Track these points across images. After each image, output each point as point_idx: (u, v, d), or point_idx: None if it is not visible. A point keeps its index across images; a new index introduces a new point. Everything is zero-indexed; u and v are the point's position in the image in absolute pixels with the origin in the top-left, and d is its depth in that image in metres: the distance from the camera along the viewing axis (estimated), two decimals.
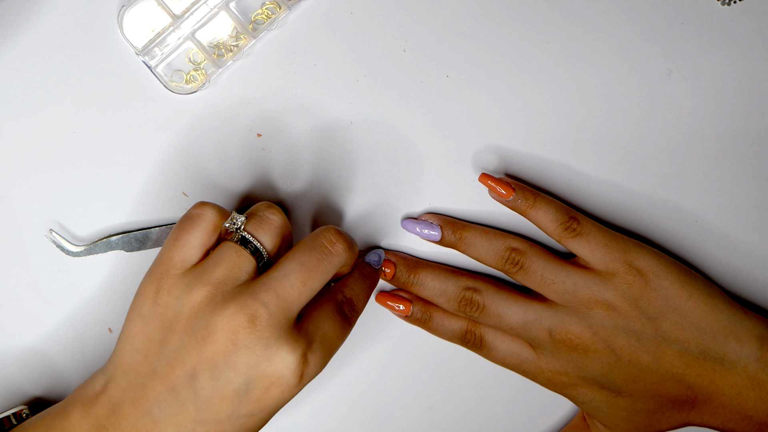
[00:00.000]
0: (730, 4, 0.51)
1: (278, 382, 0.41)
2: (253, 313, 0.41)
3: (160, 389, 0.41)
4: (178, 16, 0.49)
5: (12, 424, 0.47)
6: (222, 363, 0.40)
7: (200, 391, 0.41)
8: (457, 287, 0.50)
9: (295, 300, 0.42)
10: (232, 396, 0.41)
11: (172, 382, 0.41)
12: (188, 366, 0.41)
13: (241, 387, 0.41)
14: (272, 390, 0.41)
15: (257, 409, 0.41)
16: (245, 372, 0.40)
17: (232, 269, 0.42)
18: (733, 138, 0.52)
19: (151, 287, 0.42)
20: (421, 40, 0.51)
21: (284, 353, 0.41)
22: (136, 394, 0.41)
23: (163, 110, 0.50)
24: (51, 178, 0.50)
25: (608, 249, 0.48)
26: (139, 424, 0.41)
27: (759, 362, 0.47)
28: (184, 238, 0.43)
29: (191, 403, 0.41)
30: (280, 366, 0.41)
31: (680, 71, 0.51)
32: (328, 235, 0.44)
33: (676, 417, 0.49)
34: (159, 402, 0.41)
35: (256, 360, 0.40)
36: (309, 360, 0.42)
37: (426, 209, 0.52)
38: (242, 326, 0.40)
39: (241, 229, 0.43)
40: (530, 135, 0.52)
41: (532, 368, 0.50)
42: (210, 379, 0.41)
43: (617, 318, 0.48)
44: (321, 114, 0.51)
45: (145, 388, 0.41)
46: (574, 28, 0.51)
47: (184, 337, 0.41)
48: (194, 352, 0.41)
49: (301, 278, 0.42)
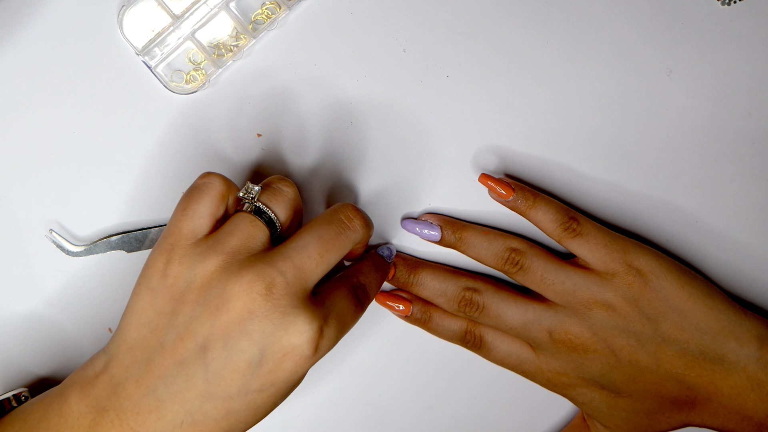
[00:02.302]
0: (730, 4, 0.51)
1: (292, 352, 0.40)
2: (270, 281, 0.40)
3: (167, 363, 0.40)
4: (178, 16, 0.49)
5: (12, 406, 0.46)
6: (236, 332, 0.39)
7: (211, 363, 0.39)
8: (457, 287, 0.50)
9: (312, 271, 0.41)
10: (244, 368, 0.39)
11: (181, 355, 0.40)
12: (200, 337, 0.39)
13: (254, 357, 0.39)
14: (285, 361, 0.40)
15: (268, 383, 0.40)
16: (260, 341, 0.39)
17: (247, 238, 0.41)
18: (733, 138, 0.52)
19: (160, 258, 0.41)
20: (421, 40, 0.51)
21: (301, 322, 0.40)
22: (141, 371, 0.40)
23: (163, 110, 0.50)
24: (51, 178, 0.50)
25: (608, 249, 0.48)
26: (142, 403, 0.40)
27: (758, 363, 0.48)
28: (193, 208, 0.42)
29: (200, 377, 0.40)
30: (297, 335, 0.40)
31: (680, 71, 0.51)
32: (346, 210, 0.44)
33: (676, 417, 0.49)
34: (165, 378, 0.40)
35: (273, 328, 0.39)
36: (324, 333, 0.41)
37: (426, 209, 0.52)
38: (260, 293, 0.39)
39: (256, 200, 0.42)
40: (530, 135, 0.52)
41: (532, 368, 0.50)
42: (223, 350, 0.39)
43: (617, 318, 0.48)
44: (321, 114, 0.51)
45: (151, 363, 0.40)
46: (574, 28, 0.51)
47: (196, 307, 0.40)
48: (207, 322, 0.39)
49: (319, 250, 0.41)
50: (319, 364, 0.53)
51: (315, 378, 0.53)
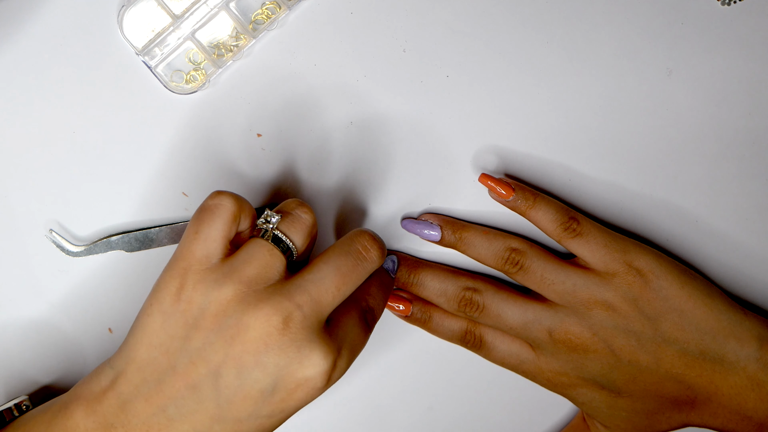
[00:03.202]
0: (730, 4, 0.51)
1: (305, 384, 0.40)
2: (288, 315, 0.40)
3: (179, 386, 0.40)
4: (178, 16, 0.49)
5: (13, 416, 0.46)
6: (251, 362, 0.39)
7: (224, 389, 0.40)
8: (457, 287, 0.50)
9: (328, 304, 0.41)
10: (256, 396, 0.40)
11: (193, 380, 0.40)
12: (213, 363, 0.40)
13: (268, 387, 0.40)
14: (298, 392, 0.40)
15: (278, 410, 0.40)
16: (274, 373, 0.40)
17: (265, 268, 0.41)
18: (733, 138, 0.52)
19: (173, 282, 0.41)
20: (421, 40, 0.51)
21: (316, 357, 0.40)
22: (151, 391, 0.40)
23: (163, 110, 0.50)
24: (51, 178, 0.50)
25: (608, 249, 0.48)
26: (152, 421, 0.40)
27: (758, 363, 0.47)
28: (205, 231, 0.41)
29: (212, 401, 0.40)
30: (311, 369, 0.40)
31: (680, 71, 0.51)
32: (362, 240, 0.43)
33: (676, 417, 0.49)
34: (176, 399, 0.40)
35: (287, 362, 0.40)
36: (337, 365, 0.41)
37: (426, 209, 0.52)
38: (276, 327, 0.39)
39: (275, 227, 0.42)
40: (530, 135, 0.52)
41: (532, 368, 0.50)
42: (236, 378, 0.40)
43: (617, 318, 0.48)
44: (321, 114, 0.51)
45: (162, 384, 0.40)
46: (574, 28, 0.51)
47: (210, 334, 0.40)
48: (221, 349, 0.40)
49: (336, 283, 0.41)
50: None
51: None
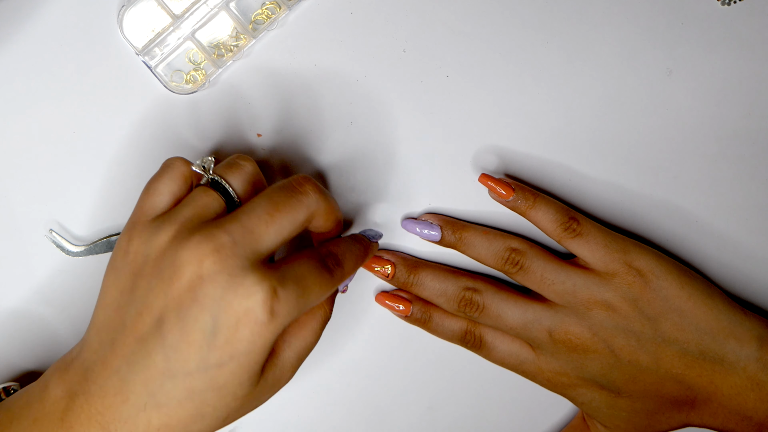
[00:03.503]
0: (730, 4, 0.51)
1: (246, 317, 0.38)
2: (219, 243, 0.38)
3: (129, 342, 0.39)
4: (178, 16, 0.49)
5: (0, 399, 0.47)
6: (188, 300, 0.38)
7: (168, 336, 0.38)
8: (457, 287, 0.50)
9: (262, 233, 0.40)
10: (199, 339, 0.38)
11: (140, 332, 0.39)
12: (156, 310, 0.39)
13: (208, 326, 0.38)
14: (240, 329, 0.38)
15: (226, 355, 0.38)
16: (211, 307, 0.38)
17: (200, 208, 0.40)
18: (733, 138, 0.52)
19: (123, 238, 0.41)
20: (421, 40, 0.51)
21: (250, 283, 0.38)
22: (107, 353, 0.40)
23: (163, 110, 0.50)
24: (51, 178, 0.50)
25: (608, 249, 0.48)
26: (107, 386, 0.39)
27: (758, 363, 0.47)
28: (153, 186, 0.42)
29: (159, 352, 0.39)
30: (247, 298, 0.38)
31: (680, 71, 0.51)
32: (297, 177, 0.43)
33: (676, 417, 0.49)
34: (128, 357, 0.39)
35: (222, 292, 0.38)
36: (280, 295, 0.38)
37: (426, 209, 0.52)
38: (207, 255, 0.38)
39: (210, 172, 0.42)
40: (530, 135, 0.52)
41: (532, 368, 0.50)
42: (177, 321, 0.38)
43: (617, 318, 0.48)
44: (321, 114, 0.51)
45: (115, 343, 0.39)
46: (574, 28, 0.51)
47: (152, 280, 0.39)
48: (161, 293, 0.39)
49: (268, 210, 0.40)
50: (319, 364, 0.53)
51: (315, 377, 0.53)
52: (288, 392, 0.53)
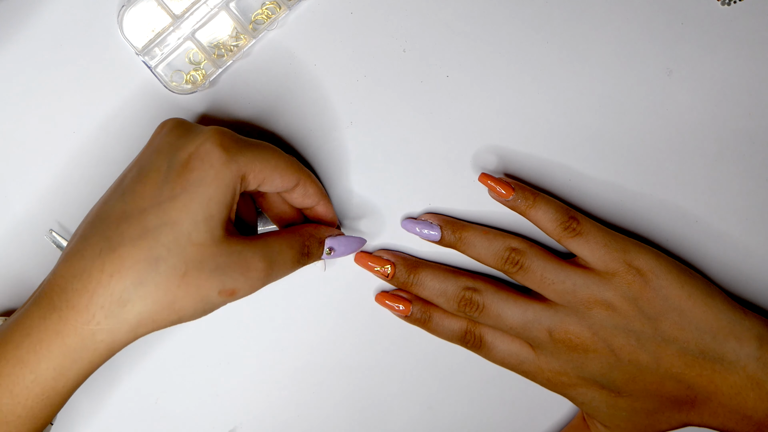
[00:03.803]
0: (730, 4, 0.51)
1: (197, 152, 0.40)
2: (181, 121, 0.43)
3: (94, 211, 0.41)
4: (178, 16, 0.49)
5: None
6: (147, 153, 0.41)
7: (125, 182, 0.40)
8: (457, 287, 0.50)
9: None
10: (155, 178, 0.40)
11: (106, 197, 0.41)
12: (123, 177, 0.41)
13: (164, 167, 0.40)
14: (192, 161, 0.40)
15: (179, 187, 0.39)
16: (168, 151, 0.40)
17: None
18: (733, 138, 0.52)
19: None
20: (421, 40, 0.51)
21: (205, 128, 0.41)
22: (80, 232, 0.41)
23: (164, 110, 0.50)
24: (51, 178, 0.50)
25: (608, 249, 0.48)
26: (68, 250, 0.40)
27: (758, 362, 0.47)
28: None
29: (117, 200, 0.40)
30: (200, 135, 0.41)
31: (680, 71, 0.51)
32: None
33: (676, 417, 0.49)
34: (91, 219, 0.40)
35: (175, 138, 0.41)
36: (235, 141, 0.41)
37: (426, 209, 0.52)
38: (172, 122, 0.42)
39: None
40: (530, 135, 0.52)
41: (532, 368, 0.50)
42: (136, 171, 0.40)
43: (617, 318, 0.48)
44: (321, 114, 0.51)
45: (88, 220, 0.41)
46: (574, 28, 0.51)
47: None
48: (133, 165, 0.42)
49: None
50: (318, 363, 0.53)
51: (315, 377, 0.53)
52: (288, 392, 0.53)
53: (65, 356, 0.39)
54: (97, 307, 0.38)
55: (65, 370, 0.39)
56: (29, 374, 0.39)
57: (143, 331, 0.39)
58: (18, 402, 0.39)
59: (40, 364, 0.39)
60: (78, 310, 0.38)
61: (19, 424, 0.40)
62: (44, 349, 0.39)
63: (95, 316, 0.38)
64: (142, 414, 0.52)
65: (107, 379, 0.52)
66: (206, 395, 0.52)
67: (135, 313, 0.38)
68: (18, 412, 0.39)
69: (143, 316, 0.39)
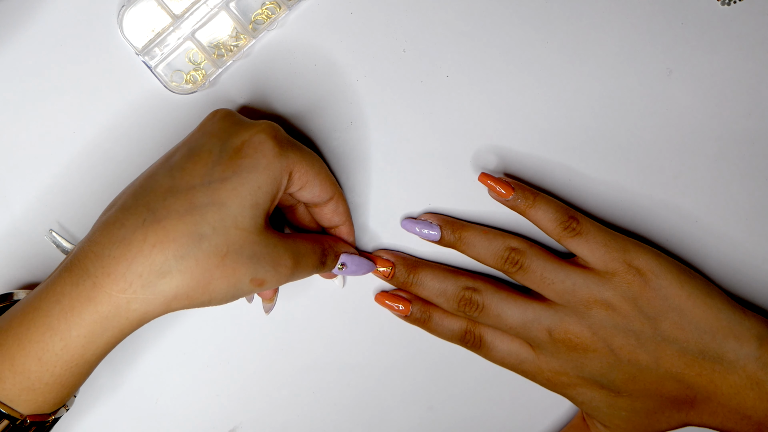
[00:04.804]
0: (730, 4, 0.51)
1: (252, 140, 0.41)
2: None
3: (137, 183, 0.41)
4: (178, 16, 0.49)
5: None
6: (197, 135, 0.42)
7: (174, 159, 0.41)
8: (457, 287, 0.50)
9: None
10: (206, 158, 0.40)
11: (150, 171, 0.41)
12: (171, 155, 0.42)
13: (216, 148, 0.40)
14: (245, 149, 0.41)
15: (230, 171, 0.40)
16: (221, 135, 0.41)
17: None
18: (733, 138, 0.52)
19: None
20: (421, 40, 0.51)
21: (260, 123, 0.42)
22: (120, 201, 0.41)
23: (163, 110, 0.50)
24: (51, 178, 0.50)
25: (607, 248, 0.48)
26: (108, 217, 0.40)
27: (758, 362, 0.47)
28: None
29: (164, 175, 0.40)
30: (254, 127, 0.42)
31: (680, 71, 0.51)
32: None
33: (676, 417, 0.49)
34: (134, 190, 0.41)
35: (230, 124, 0.42)
36: (287, 138, 0.43)
37: (426, 209, 0.52)
38: (225, 111, 0.44)
39: None
40: (530, 135, 0.52)
41: (532, 368, 0.50)
42: (186, 149, 0.41)
43: (616, 317, 0.48)
44: (321, 114, 0.51)
45: (128, 191, 0.41)
46: (574, 28, 0.51)
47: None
48: (182, 145, 0.42)
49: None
50: (318, 363, 0.53)
51: (315, 377, 0.53)
52: (288, 392, 0.53)
53: (96, 324, 0.39)
54: (135, 275, 0.38)
55: (95, 337, 0.39)
56: (59, 342, 0.39)
57: (176, 305, 0.39)
58: (46, 369, 0.39)
59: (71, 332, 0.39)
60: (114, 278, 0.38)
61: (46, 391, 0.40)
62: (75, 316, 0.39)
63: (132, 285, 0.38)
64: (142, 414, 0.52)
65: (107, 379, 0.52)
66: (206, 395, 0.52)
67: (173, 286, 0.38)
68: (46, 379, 0.39)
69: (180, 291, 0.39)
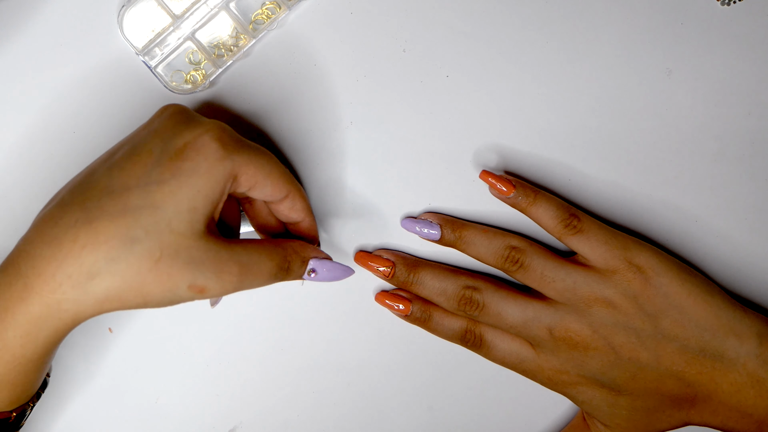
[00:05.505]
0: (730, 4, 0.51)
1: (195, 142, 0.39)
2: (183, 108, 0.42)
3: (77, 180, 0.40)
4: (178, 16, 0.49)
5: None
6: (142, 133, 0.40)
7: (115, 158, 0.39)
8: (457, 286, 0.50)
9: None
10: (146, 158, 0.39)
11: (91, 168, 0.40)
12: (114, 152, 0.40)
13: (157, 148, 0.39)
14: (187, 151, 0.39)
15: (168, 173, 0.38)
16: (164, 134, 0.40)
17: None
18: (733, 138, 0.52)
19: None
20: (421, 40, 0.51)
21: (205, 122, 0.41)
22: (59, 199, 0.40)
23: None
24: (51, 178, 0.50)
25: (608, 246, 0.48)
26: (43, 216, 0.39)
27: (758, 360, 0.47)
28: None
29: (103, 173, 0.39)
30: (199, 127, 0.40)
31: (680, 71, 0.51)
32: None
33: (676, 415, 0.49)
34: (71, 188, 0.39)
35: (173, 124, 0.40)
36: (228, 133, 0.41)
37: (426, 209, 0.52)
38: (174, 108, 0.42)
39: None
40: (530, 135, 0.52)
41: (532, 367, 0.50)
42: (129, 148, 0.40)
43: (617, 315, 0.48)
44: (321, 114, 0.51)
45: (69, 189, 0.40)
46: (574, 28, 0.51)
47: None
48: (126, 141, 0.41)
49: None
50: (318, 363, 0.53)
51: (315, 377, 0.53)
52: (288, 392, 0.53)
53: (31, 324, 0.38)
54: (65, 276, 0.37)
55: (32, 337, 0.38)
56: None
57: (109, 307, 0.38)
58: None
59: (7, 332, 0.38)
60: (45, 278, 0.38)
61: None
62: (9, 316, 0.38)
63: (62, 285, 0.38)
64: (142, 414, 0.52)
65: (107, 378, 0.52)
66: (206, 395, 0.52)
67: (103, 287, 0.38)
68: None
69: (110, 293, 0.38)
